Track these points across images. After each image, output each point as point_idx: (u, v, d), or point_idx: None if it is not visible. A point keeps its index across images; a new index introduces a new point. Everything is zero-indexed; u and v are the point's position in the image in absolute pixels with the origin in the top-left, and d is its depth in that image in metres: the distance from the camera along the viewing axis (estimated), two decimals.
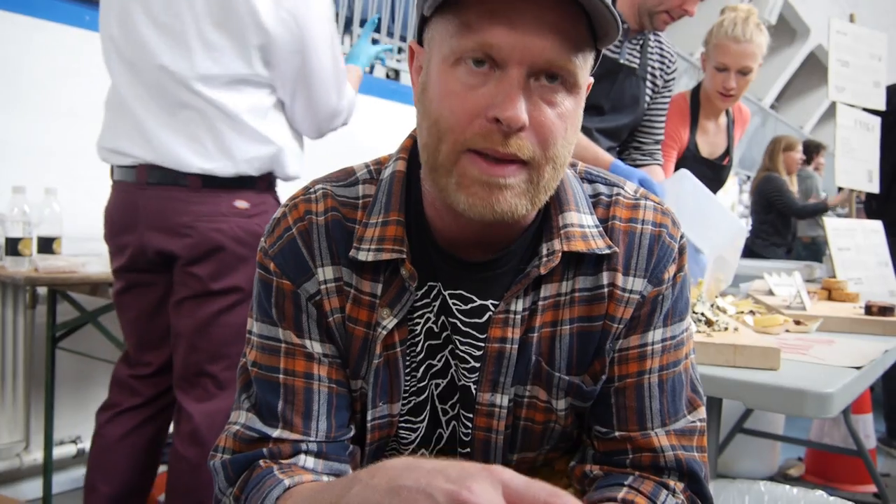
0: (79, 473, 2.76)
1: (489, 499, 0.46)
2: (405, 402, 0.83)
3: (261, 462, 0.76)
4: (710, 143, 2.63)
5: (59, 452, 2.58)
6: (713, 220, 1.97)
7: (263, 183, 1.78)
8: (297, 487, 0.71)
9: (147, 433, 1.90)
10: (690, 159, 2.56)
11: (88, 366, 2.67)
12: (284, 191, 1.89)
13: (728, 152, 2.67)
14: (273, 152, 1.74)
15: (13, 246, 2.21)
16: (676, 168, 2.50)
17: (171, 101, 1.66)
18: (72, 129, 2.59)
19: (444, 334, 0.81)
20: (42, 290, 2.40)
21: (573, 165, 0.86)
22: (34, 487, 2.57)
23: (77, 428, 2.70)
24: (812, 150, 5.89)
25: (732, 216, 2.18)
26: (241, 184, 1.73)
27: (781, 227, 4.84)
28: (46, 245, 2.28)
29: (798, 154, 5.03)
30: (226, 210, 1.72)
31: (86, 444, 2.69)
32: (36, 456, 2.55)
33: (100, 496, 1.86)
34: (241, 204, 1.74)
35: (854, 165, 3.17)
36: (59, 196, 2.32)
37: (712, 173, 2.62)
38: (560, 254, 0.78)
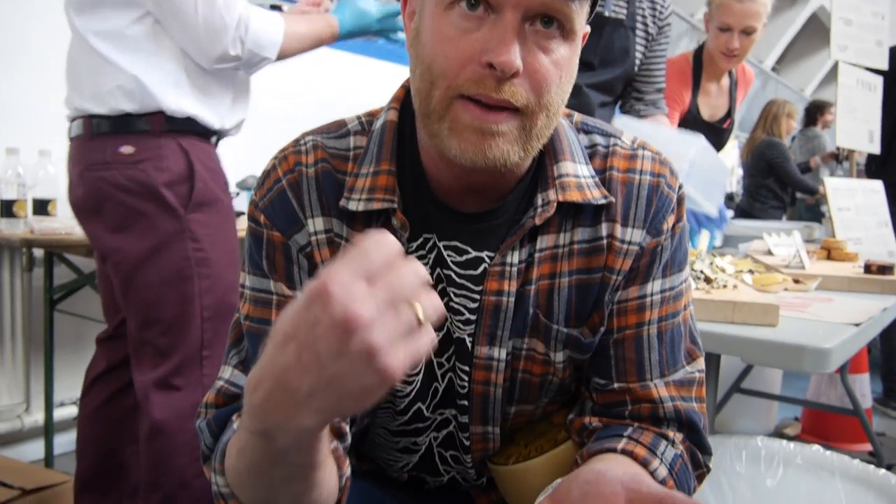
0: None
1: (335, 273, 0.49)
2: None
3: (234, 416, 0.75)
4: (711, 106, 2.60)
5: (59, 414, 2.59)
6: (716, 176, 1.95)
7: (157, 125, 1.58)
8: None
9: (120, 406, 1.82)
10: (691, 122, 2.53)
11: (87, 328, 2.67)
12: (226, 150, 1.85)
13: (730, 114, 2.64)
14: (132, 81, 1.55)
15: (8, 208, 2.19)
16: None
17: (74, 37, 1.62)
18: (65, 90, 2.56)
19: (440, 286, 0.81)
20: (38, 253, 2.39)
21: (569, 116, 0.85)
22: (36, 448, 2.59)
23: (77, 389, 2.68)
24: (816, 110, 5.83)
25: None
26: (126, 127, 1.57)
27: (780, 191, 4.82)
28: (41, 207, 2.27)
29: (794, 121, 5.00)
30: (110, 157, 1.57)
31: None
32: (37, 417, 2.57)
33: (80, 469, 1.86)
34: (126, 149, 1.57)
35: (855, 125, 3.15)
36: (53, 158, 2.30)
37: (713, 136, 2.57)
38: (555, 204, 0.77)
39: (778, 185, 4.79)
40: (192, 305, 1.59)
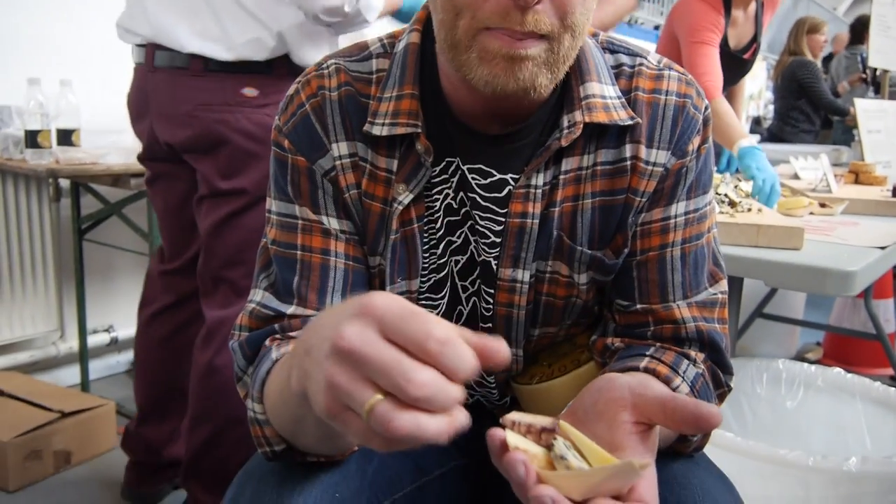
0: (113, 360, 2.86)
1: (360, 339, 0.44)
2: (425, 279, 0.83)
3: (268, 341, 0.77)
4: (737, 35, 2.52)
5: (93, 341, 2.67)
6: None
7: (282, 68, 1.59)
8: (280, 361, 0.72)
9: (186, 336, 1.85)
10: (721, 54, 2.43)
11: (116, 257, 2.73)
12: None
13: (755, 39, 2.56)
14: (274, 37, 1.55)
15: (33, 138, 2.20)
16: None
17: None
18: (85, 20, 2.54)
19: (464, 210, 0.81)
20: (65, 184, 2.42)
21: (594, 35, 0.83)
22: (72, 374, 2.68)
23: (108, 317, 2.78)
24: (862, 28, 5.56)
25: None
26: (248, 68, 1.55)
27: (812, 113, 4.70)
28: (65, 137, 2.28)
29: (822, 36, 4.81)
30: (231, 99, 1.55)
31: (118, 333, 2.78)
32: (71, 344, 2.65)
33: (144, 395, 1.92)
34: (250, 91, 1.56)
35: (889, 45, 3.05)
36: (74, 87, 2.30)
37: (733, 64, 2.52)
38: (581, 125, 0.76)
39: (810, 107, 4.67)
40: None
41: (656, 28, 6.71)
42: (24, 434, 2.03)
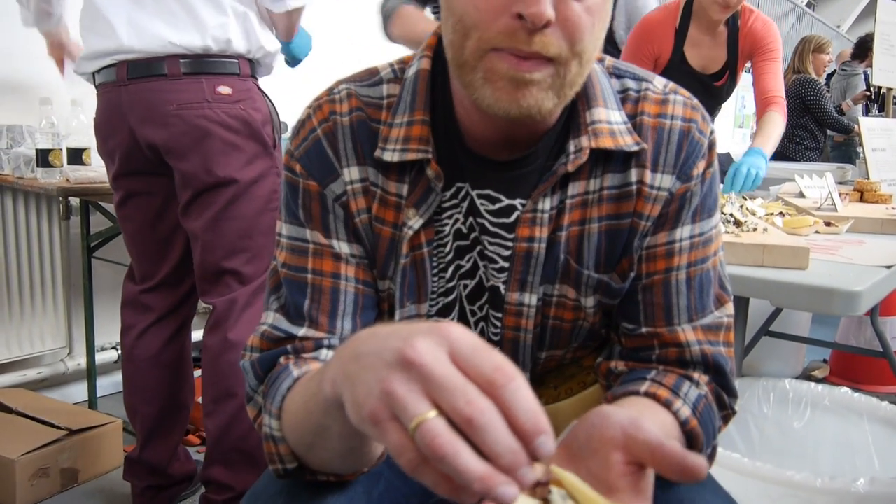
0: (120, 378, 2.87)
1: (432, 356, 0.45)
2: (434, 302, 0.84)
3: (282, 359, 0.78)
4: (703, 57, 2.45)
5: (100, 358, 2.68)
6: None
7: (245, 68, 1.75)
8: (304, 377, 0.73)
9: (175, 350, 1.93)
10: (675, 68, 2.42)
11: (123, 274, 2.73)
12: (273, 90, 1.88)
13: (727, 69, 2.47)
14: (239, 22, 1.70)
15: (44, 157, 2.23)
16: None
17: None
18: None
19: (473, 235, 0.82)
20: (74, 202, 2.44)
21: (601, 60, 0.84)
22: (80, 390, 2.69)
23: (117, 334, 2.77)
24: (868, 47, 5.57)
25: None
26: (221, 68, 1.70)
27: (817, 130, 4.71)
28: (76, 156, 2.30)
29: (827, 56, 4.83)
30: (209, 96, 1.69)
31: None
32: (79, 361, 2.66)
33: (144, 417, 1.93)
34: (224, 90, 1.70)
35: (893, 63, 3.06)
36: (85, 107, 2.33)
37: (703, 88, 2.45)
38: (588, 150, 0.77)
39: (814, 125, 4.68)
40: (275, 235, 1.70)
41: None
42: (32, 452, 2.03)
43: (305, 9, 1.82)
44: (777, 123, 2.30)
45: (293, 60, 2.03)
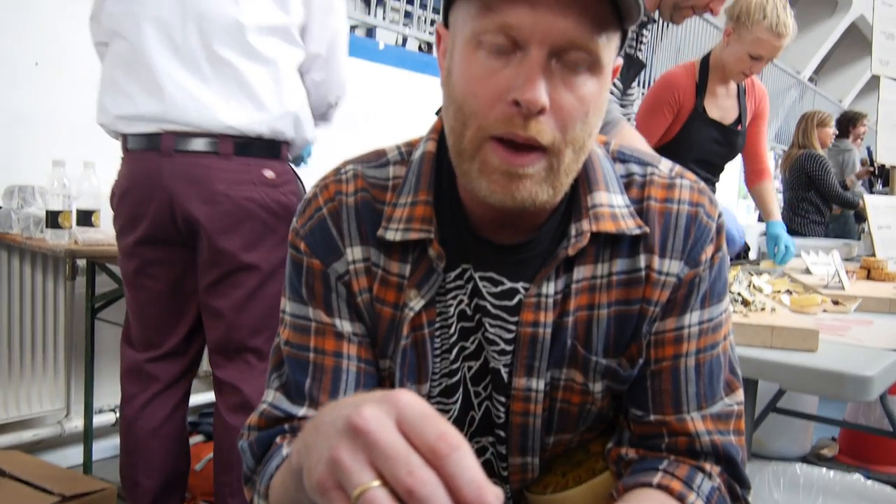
0: (118, 441, 2.82)
1: (378, 423, 0.44)
2: (436, 383, 0.83)
3: (278, 439, 0.77)
4: (719, 108, 2.62)
5: (98, 420, 2.64)
6: None
7: (286, 153, 1.81)
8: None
9: (178, 419, 1.91)
10: (698, 120, 2.57)
11: None
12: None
13: (740, 120, 2.66)
14: (293, 114, 1.76)
15: (54, 219, 2.25)
16: (684, 129, 2.56)
17: (204, 55, 1.65)
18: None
19: (477, 317, 0.82)
20: (81, 262, 2.44)
21: (605, 144, 0.85)
22: (75, 453, 2.65)
23: (116, 397, 2.73)
24: (848, 122, 5.68)
25: None
26: (269, 152, 1.75)
27: (822, 204, 4.73)
28: (85, 218, 2.32)
29: (831, 129, 4.89)
30: (256, 179, 1.72)
31: None
32: (77, 423, 2.62)
33: (145, 491, 1.89)
34: (269, 174, 1.74)
35: None
36: (97, 169, 2.36)
37: (723, 137, 2.63)
38: (588, 234, 0.77)
39: (819, 199, 4.71)
40: None
41: None
42: None
43: None
44: (775, 195, 2.67)
45: (299, 160, 2.08)
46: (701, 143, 2.58)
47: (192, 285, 1.81)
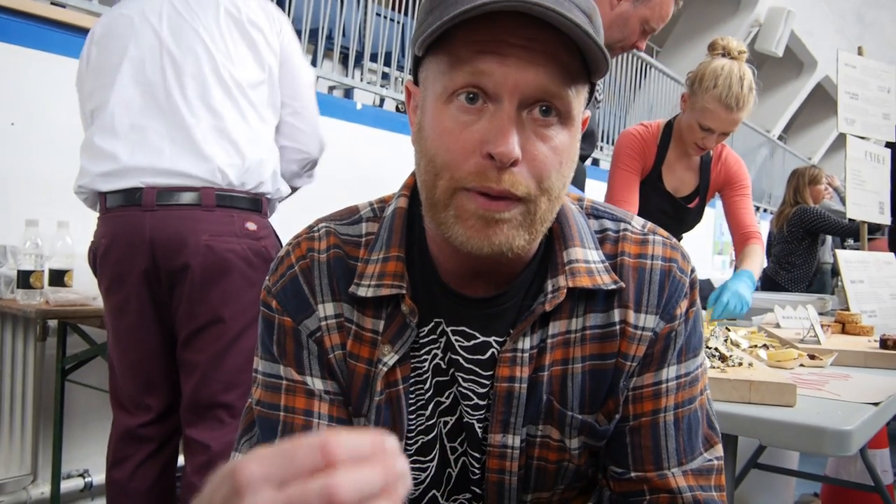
0: None
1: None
2: (412, 440, 0.82)
3: None
4: (675, 179, 2.47)
5: (66, 486, 2.56)
6: None
7: (265, 207, 1.83)
8: None
9: (167, 477, 1.88)
10: (651, 188, 2.43)
11: (95, 398, 2.66)
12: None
13: (698, 194, 2.49)
14: (272, 166, 1.80)
15: (25, 279, 2.22)
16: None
17: (187, 110, 1.70)
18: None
19: (451, 371, 0.81)
20: (52, 323, 2.40)
21: (579, 200, 0.86)
22: None
23: (85, 461, 2.68)
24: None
25: None
26: (249, 205, 1.77)
27: (809, 259, 4.78)
28: (58, 278, 2.29)
29: (823, 186, 4.92)
30: (239, 231, 1.73)
31: (93, 478, 2.67)
32: (43, 490, 2.54)
33: None
34: (251, 226, 1.76)
35: (865, 197, 3.16)
36: (71, 229, 2.33)
37: (672, 210, 2.48)
38: (565, 290, 0.77)
39: (807, 254, 4.75)
40: None
41: None
42: None
43: None
44: (759, 254, 2.41)
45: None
46: (650, 212, 2.38)
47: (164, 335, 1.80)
